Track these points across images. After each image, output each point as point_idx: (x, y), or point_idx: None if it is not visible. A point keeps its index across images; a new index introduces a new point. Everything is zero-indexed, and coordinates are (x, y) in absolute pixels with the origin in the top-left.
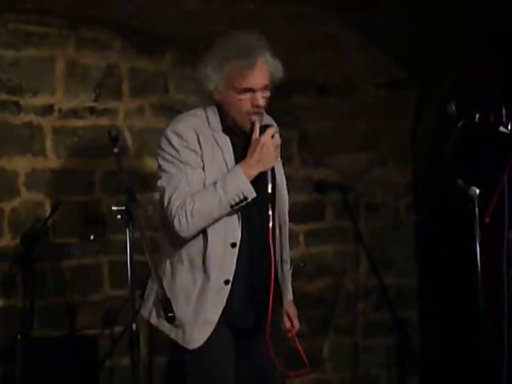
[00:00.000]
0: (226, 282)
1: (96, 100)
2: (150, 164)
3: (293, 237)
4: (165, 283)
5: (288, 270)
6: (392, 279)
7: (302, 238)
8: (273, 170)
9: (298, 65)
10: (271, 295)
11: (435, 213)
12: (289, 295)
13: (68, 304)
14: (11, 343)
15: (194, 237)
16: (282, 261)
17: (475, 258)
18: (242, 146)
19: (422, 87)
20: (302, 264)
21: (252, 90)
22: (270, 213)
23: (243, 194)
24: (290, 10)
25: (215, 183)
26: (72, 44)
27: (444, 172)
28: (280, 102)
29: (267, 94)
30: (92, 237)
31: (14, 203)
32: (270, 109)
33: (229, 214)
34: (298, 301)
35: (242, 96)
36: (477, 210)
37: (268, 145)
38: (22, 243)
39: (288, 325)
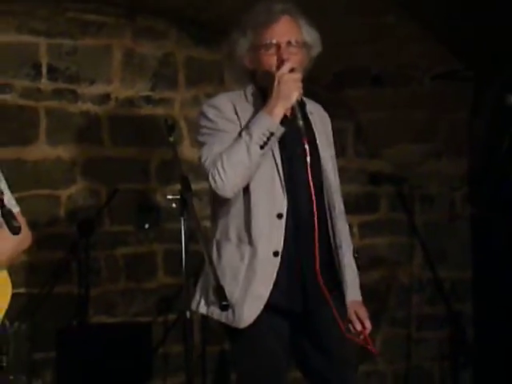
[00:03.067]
0: (275, 254)
1: (152, 89)
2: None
3: None
4: None
5: (344, 257)
6: (446, 272)
7: (355, 229)
8: (303, 107)
9: (353, 55)
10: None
11: (491, 205)
12: (355, 294)
13: (122, 291)
14: (66, 330)
15: (240, 210)
16: (336, 246)
17: None
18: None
19: (478, 78)
20: (356, 255)
21: (277, 45)
22: (307, 147)
23: (268, 130)
24: (347, 0)
25: (240, 133)
26: (129, 33)
27: (500, 164)
28: (335, 92)
29: (296, 51)
30: (147, 225)
31: (71, 191)
32: (326, 100)
33: (271, 184)
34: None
35: (269, 52)
36: None
37: (285, 78)
38: (77, 231)
39: (359, 326)
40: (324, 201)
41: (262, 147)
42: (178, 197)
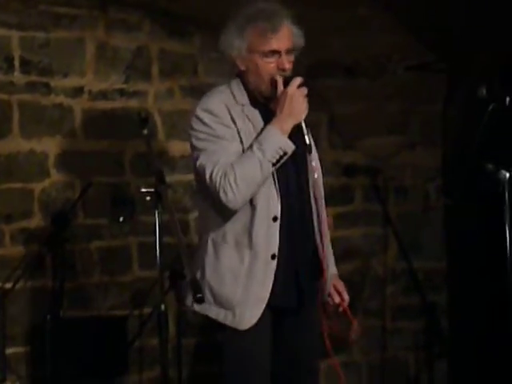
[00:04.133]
0: (273, 257)
1: (126, 82)
2: (179, 146)
3: None
4: (208, 265)
5: (329, 243)
6: (421, 263)
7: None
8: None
9: (326, 47)
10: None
11: (465, 196)
12: (333, 269)
13: (97, 285)
14: (41, 324)
15: (238, 213)
16: (321, 234)
17: (505, 242)
18: (272, 118)
19: (451, 70)
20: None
21: (278, 53)
22: (314, 164)
23: (281, 149)
24: None
25: (251, 147)
26: (102, 25)
27: (474, 156)
28: (308, 84)
29: (292, 58)
30: (121, 218)
31: (44, 184)
32: None
33: (268, 188)
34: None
35: (269, 59)
36: (507, 193)
37: (296, 95)
38: (51, 224)
39: (337, 299)
40: (310, 196)
41: (274, 164)
42: (152, 190)
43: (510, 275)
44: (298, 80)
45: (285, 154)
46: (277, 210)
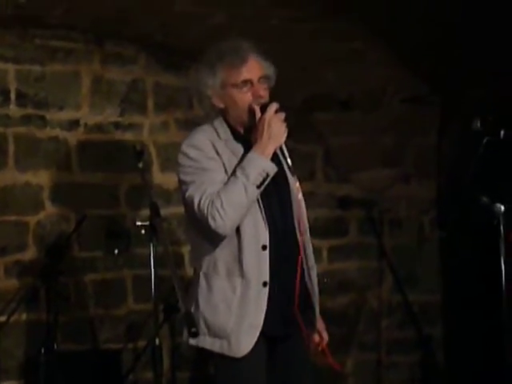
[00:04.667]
0: (264, 284)
1: (121, 115)
2: (174, 179)
3: (316, 252)
4: (201, 297)
5: (315, 277)
6: (416, 296)
7: (325, 253)
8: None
9: (322, 80)
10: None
11: (460, 229)
12: (316, 309)
13: (91, 318)
14: (35, 357)
15: (227, 242)
16: (309, 267)
17: (500, 275)
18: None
19: (445, 103)
20: (326, 280)
21: (250, 82)
22: (298, 184)
23: (264, 171)
24: (314, 25)
25: (233, 173)
26: (97, 59)
27: (468, 188)
28: (304, 117)
29: (265, 85)
30: (116, 251)
31: (39, 217)
32: (295, 124)
33: (254, 216)
34: (321, 316)
35: (243, 90)
36: (501, 226)
37: (274, 119)
38: (46, 257)
39: (317, 338)
40: (295, 227)
41: (258, 187)
42: (147, 223)
43: (504, 308)
44: (274, 105)
45: (267, 175)
46: (265, 238)
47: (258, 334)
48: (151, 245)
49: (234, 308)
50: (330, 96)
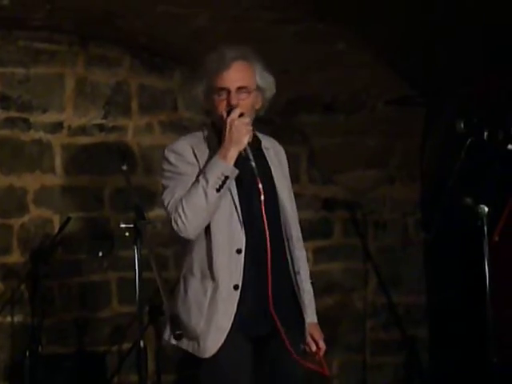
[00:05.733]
0: (236, 288)
1: (105, 117)
2: (158, 181)
3: None
4: (180, 299)
5: (302, 282)
6: (400, 297)
7: (310, 255)
8: (258, 146)
9: (306, 82)
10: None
11: (443, 230)
12: (312, 317)
13: (76, 320)
14: (19, 360)
15: (203, 247)
16: (295, 272)
17: (484, 276)
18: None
19: (429, 105)
20: (311, 281)
21: (227, 90)
22: (260, 186)
23: (223, 174)
24: (298, 27)
25: (197, 179)
26: (81, 61)
27: (452, 190)
28: (288, 119)
29: (244, 97)
30: (100, 253)
31: (23, 220)
32: (279, 126)
33: (231, 221)
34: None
35: (221, 97)
36: (485, 228)
37: (236, 123)
38: (30, 260)
39: (314, 347)
40: (282, 232)
41: (218, 190)
42: (131, 225)
43: (488, 309)
44: (237, 110)
45: (226, 177)
46: (241, 242)
47: (224, 336)
48: (135, 247)
49: (205, 310)
50: (314, 98)
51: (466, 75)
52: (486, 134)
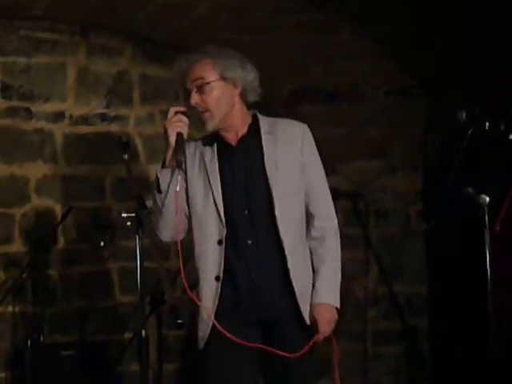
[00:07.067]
0: (217, 279)
1: (107, 107)
2: None
3: None
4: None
5: (301, 276)
6: (401, 287)
7: None
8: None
9: (308, 72)
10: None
11: (445, 220)
12: (318, 298)
13: (78, 310)
14: (21, 349)
15: (193, 240)
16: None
17: (485, 266)
18: (225, 149)
19: (431, 95)
20: None
21: (188, 92)
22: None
23: (156, 176)
24: (300, 17)
25: None
26: (83, 51)
27: (454, 180)
28: (290, 109)
29: (208, 91)
30: (102, 243)
31: (25, 209)
32: (281, 116)
33: (212, 213)
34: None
35: (187, 97)
36: (487, 218)
37: (165, 126)
38: (32, 249)
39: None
40: (269, 223)
41: (159, 191)
42: (133, 215)
43: (490, 299)
44: (171, 110)
45: (157, 178)
46: (221, 233)
47: (208, 329)
48: (137, 237)
49: (200, 300)
50: (316, 88)
51: (469, 66)
52: (487, 124)
